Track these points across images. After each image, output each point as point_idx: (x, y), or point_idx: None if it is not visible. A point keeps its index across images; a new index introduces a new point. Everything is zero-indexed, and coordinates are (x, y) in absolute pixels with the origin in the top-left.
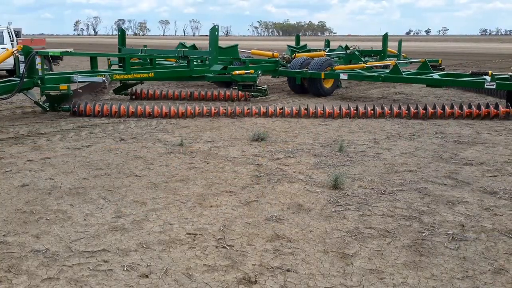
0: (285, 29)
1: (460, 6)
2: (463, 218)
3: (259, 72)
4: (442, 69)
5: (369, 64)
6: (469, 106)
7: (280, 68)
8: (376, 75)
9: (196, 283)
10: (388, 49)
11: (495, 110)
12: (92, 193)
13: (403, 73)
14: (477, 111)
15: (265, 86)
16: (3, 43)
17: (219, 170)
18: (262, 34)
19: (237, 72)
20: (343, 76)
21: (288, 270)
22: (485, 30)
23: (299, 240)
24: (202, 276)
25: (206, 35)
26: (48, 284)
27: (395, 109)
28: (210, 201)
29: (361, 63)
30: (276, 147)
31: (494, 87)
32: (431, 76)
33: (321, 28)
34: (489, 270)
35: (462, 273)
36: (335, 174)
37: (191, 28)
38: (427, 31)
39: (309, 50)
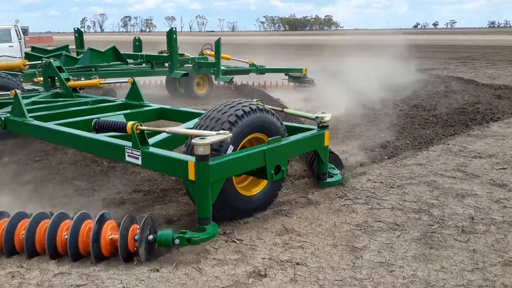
0: (292, 24)
1: None
2: (472, 210)
3: None
4: (310, 81)
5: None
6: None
7: None
8: None
9: (206, 276)
10: (210, 52)
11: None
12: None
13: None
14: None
15: None
16: (10, 41)
17: None
18: (269, 29)
19: None
20: None
21: (297, 264)
22: (493, 23)
23: (308, 234)
24: (212, 269)
25: (212, 31)
26: (60, 278)
27: None
28: None
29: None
30: None
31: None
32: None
33: (328, 22)
34: (499, 262)
35: (472, 265)
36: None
37: (197, 24)
38: (435, 24)
39: (51, 51)
